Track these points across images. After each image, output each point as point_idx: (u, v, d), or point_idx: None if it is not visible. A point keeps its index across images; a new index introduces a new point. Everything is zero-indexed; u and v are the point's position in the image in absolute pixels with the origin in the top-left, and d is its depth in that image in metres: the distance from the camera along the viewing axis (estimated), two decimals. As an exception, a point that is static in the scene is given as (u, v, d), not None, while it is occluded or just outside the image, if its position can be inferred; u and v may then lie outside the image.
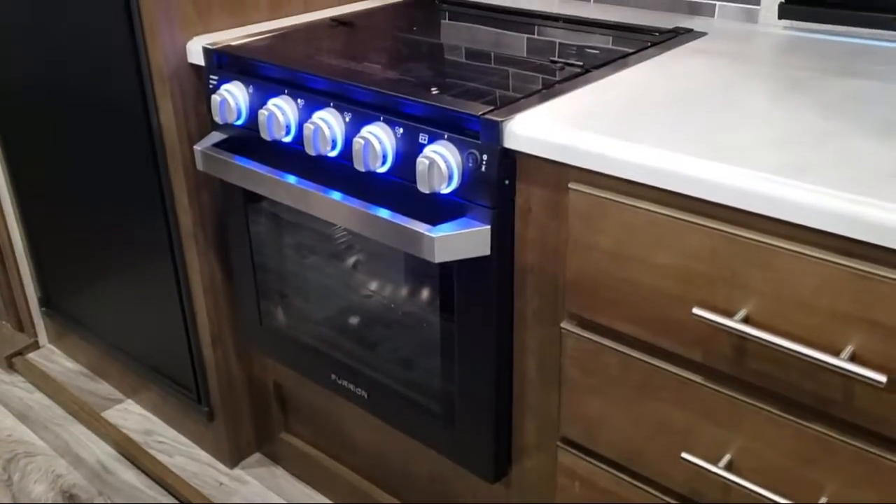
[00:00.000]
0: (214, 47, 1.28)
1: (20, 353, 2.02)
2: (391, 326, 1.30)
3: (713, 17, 1.41)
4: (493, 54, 1.27)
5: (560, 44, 1.32)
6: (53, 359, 2.03)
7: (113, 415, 1.83)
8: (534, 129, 0.95)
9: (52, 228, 1.83)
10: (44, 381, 1.94)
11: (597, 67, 1.15)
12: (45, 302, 2.00)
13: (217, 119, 1.27)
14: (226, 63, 1.28)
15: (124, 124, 1.44)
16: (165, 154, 1.39)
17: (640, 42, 1.27)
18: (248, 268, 1.44)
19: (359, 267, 1.32)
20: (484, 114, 0.99)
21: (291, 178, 1.20)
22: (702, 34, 1.31)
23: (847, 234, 0.74)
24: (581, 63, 1.16)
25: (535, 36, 1.38)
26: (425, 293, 1.22)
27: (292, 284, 1.42)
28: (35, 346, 2.06)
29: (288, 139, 1.20)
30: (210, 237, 1.47)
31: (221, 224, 1.47)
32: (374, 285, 1.31)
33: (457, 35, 1.43)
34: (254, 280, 1.45)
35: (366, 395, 1.34)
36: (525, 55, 1.27)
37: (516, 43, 1.34)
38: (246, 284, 1.46)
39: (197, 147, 1.31)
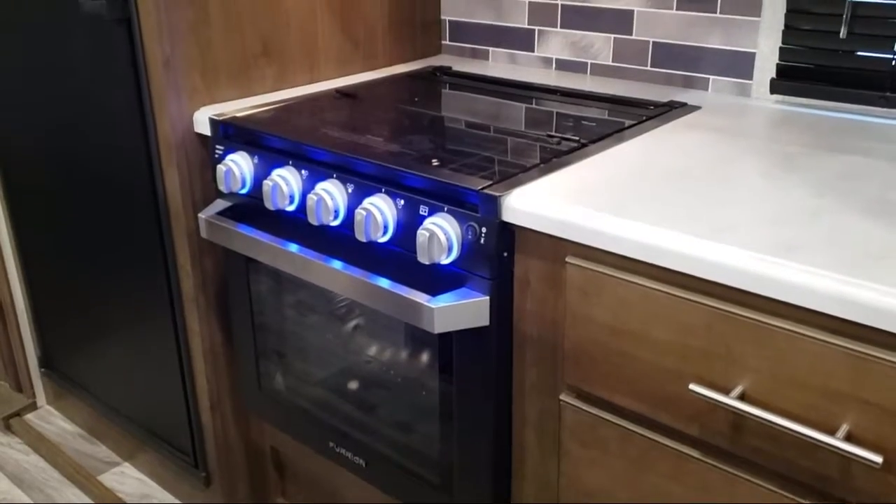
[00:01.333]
0: (221, 118, 1.32)
1: (18, 413, 2.02)
2: (390, 394, 1.30)
3: (707, 90, 1.44)
4: (492, 127, 1.30)
5: (557, 116, 1.35)
6: (51, 420, 2.02)
7: (109, 478, 1.82)
8: (531, 204, 0.98)
9: (54, 289, 1.84)
10: (40, 443, 1.92)
11: (593, 141, 1.18)
12: (44, 363, 2.00)
13: (222, 188, 1.30)
14: (232, 134, 1.32)
15: (130, 190, 1.46)
16: (170, 220, 1.42)
17: (636, 116, 1.31)
18: (249, 333, 1.45)
19: (358, 331, 1.33)
20: (483, 188, 1.02)
21: (293, 247, 1.21)
22: (696, 108, 1.34)
23: (839, 315, 0.75)
24: (577, 138, 1.19)
25: (534, 107, 1.41)
26: (424, 360, 1.22)
27: (292, 350, 1.42)
28: (33, 406, 2.05)
29: (291, 208, 1.22)
30: (211, 301, 1.48)
31: (223, 288, 1.49)
32: (373, 350, 1.32)
33: (457, 106, 1.46)
34: (253, 345, 1.45)
35: (364, 464, 1.33)
36: (523, 128, 1.30)
37: (515, 115, 1.37)
38: (246, 349, 1.47)
39: (201, 215, 1.33)
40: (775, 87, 1.35)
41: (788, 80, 1.33)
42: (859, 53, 1.26)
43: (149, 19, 1.28)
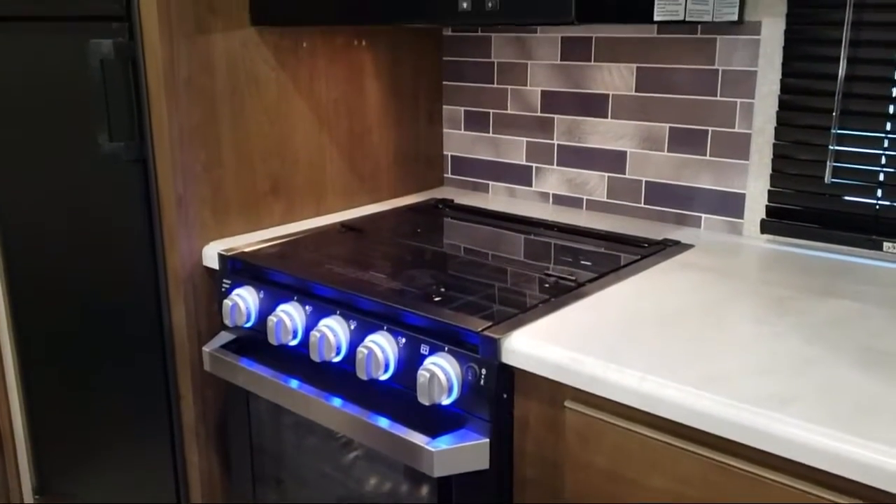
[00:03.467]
0: (229, 254, 1.36)
1: (6, 543, 1.97)
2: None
3: (700, 227, 1.49)
4: (491, 263, 1.34)
5: (555, 252, 1.40)
6: (40, 549, 1.97)
7: None
8: (530, 347, 1.00)
9: (54, 415, 1.84)
10: (28, 575, 1.87)
11: (590, 281, 1.22)
12: (38, 490, 1.97)
13: (227, 322, 1.32)
14: (239, 268, 1.36)
15: (136, 320, 1.49)
16: (174, 352, 1.44)
17: (631, 254, 1.35)
18: (247, 464, 1.44)
19: (358, 462, 1.32)
20: (483, 329, 1.04)
21: (294, 383, 1.23)
22: (689, 246, 1.38)
23: (831, 470, 0.76)
24: (574, 277, 1.22)
25: (532, 241, 1.46)
26: (424, 496, 1.21)
27: (290, 477, 1.41)
28: (23, 535, 2.01)
29: (294, 343, 1.25)
30: (211, 432, 1.48)
31: (223, 418, 1.49)
32: (372, 482, 1.31)
33: (458, 240, 1.51)
34: (251, 476, 1.44)
35: None
36: (522, 265, 1.33)
37: (514, 251, 1.41)
38: (243, 483, 1.46)
39: (206, 349, 1.35)
40: (766, 227, 1.39)
41: (778, 220, 1.38)
42: (846, 198, 1.31)
43: (164, 160, 1.35)
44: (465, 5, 1.11)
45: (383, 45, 1.66)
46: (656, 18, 1.15)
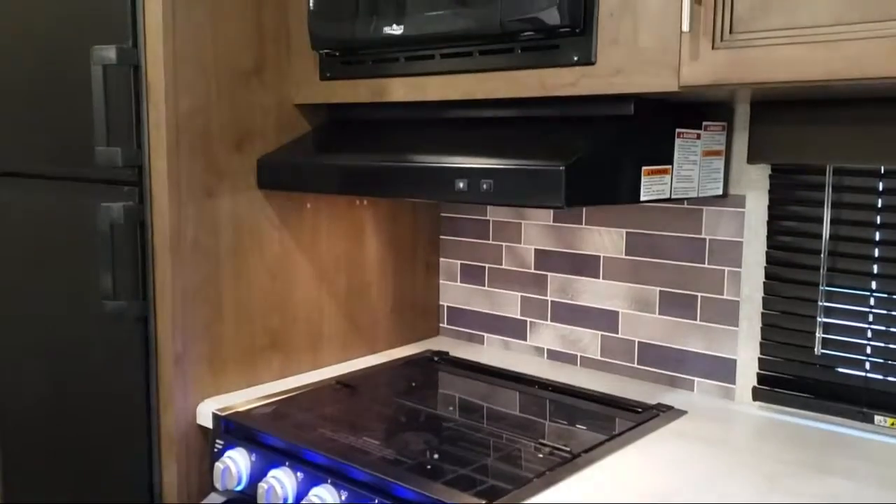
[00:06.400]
0: (223, 414, 1.36)
1: None
2: None
3: (693, 390, 1.50)
4: (486, 427, 1.34)
5: (550, 413, 1.40)
6: None
7: None
8: (522, 531, 0.99)
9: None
10: None
11: (585, 451, 1.21)
12: None
13: (217, 486, 1.31)
14: (232, 429, 1.35)
15: (126, 479, 1.47)
16: (162, 512, 1.42)
17: (625, 419, 1.35)
18: None
19: None
20: (475, 510, 1.03)
21: (283, 554, 1.21)
22: (682, 413, 1.39)
23: None
24: (569, 448, 1.22)
25: (527, 402, 1.46)
26: None
27: None
28: None
29: (284, 510, 1.23)
30: None
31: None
32: None
33: (452, 398, 1.51)
34: None
35: None
36: (517, 430, 1.32)
37: (508, 413, 1.41)
38: None
39: (194, 513, 1.33)
40: (757, 395, 1.40)
41: (769, 388, 1.39)
42: (838, 369, 1.33)
43: (165, 319, 1.37)
44: (461, 185, 1.16)
45: (384, 205, 1.72)
46: (643, 199, 1.21)
